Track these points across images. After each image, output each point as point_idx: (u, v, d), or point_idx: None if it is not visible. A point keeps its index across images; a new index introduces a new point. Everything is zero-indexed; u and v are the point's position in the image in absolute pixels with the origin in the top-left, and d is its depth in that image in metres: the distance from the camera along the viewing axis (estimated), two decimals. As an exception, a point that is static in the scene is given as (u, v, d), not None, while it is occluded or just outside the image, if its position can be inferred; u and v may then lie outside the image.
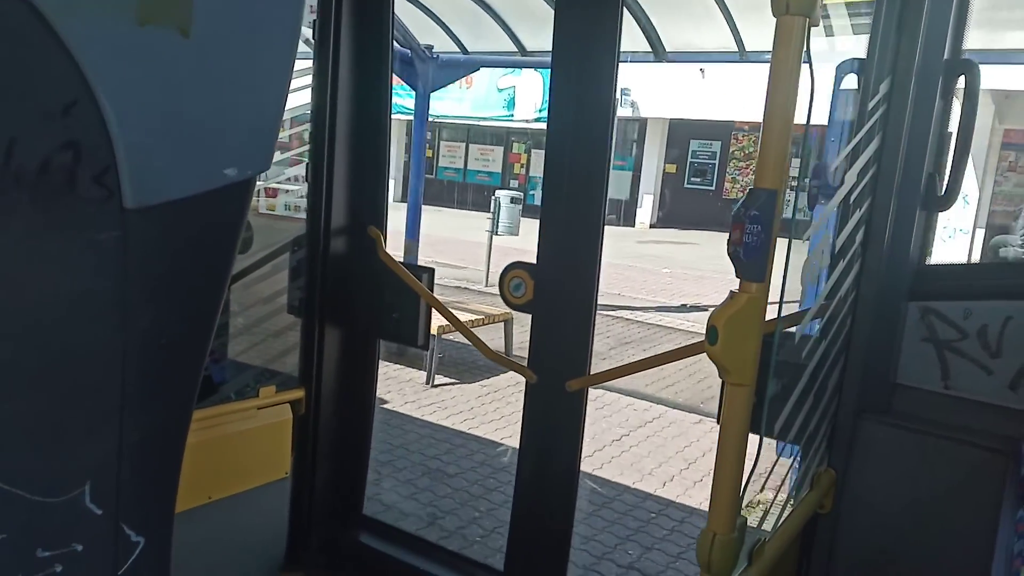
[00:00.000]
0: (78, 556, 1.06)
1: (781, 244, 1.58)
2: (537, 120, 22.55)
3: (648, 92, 20.12)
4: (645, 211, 23.03)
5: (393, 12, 2.99)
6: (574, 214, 2.61)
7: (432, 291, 3.00)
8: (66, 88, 0.92)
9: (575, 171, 2.58)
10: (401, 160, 22.34)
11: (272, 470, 2.91)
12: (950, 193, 2.21)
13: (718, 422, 2.20)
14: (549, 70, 2.60)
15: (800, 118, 1.54)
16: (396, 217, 4.70)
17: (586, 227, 2.61)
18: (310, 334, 3.05)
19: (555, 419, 2.74)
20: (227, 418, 2.71)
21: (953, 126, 2.22)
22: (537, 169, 25.09)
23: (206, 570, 2.60)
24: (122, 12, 0.90)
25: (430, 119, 8.32)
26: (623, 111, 20.14)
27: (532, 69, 20.46)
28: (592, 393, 4.38)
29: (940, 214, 2.38)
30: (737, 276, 1.53)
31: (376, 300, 3.09)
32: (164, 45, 0.92)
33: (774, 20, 1.47)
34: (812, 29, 1.50)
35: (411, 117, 8.36)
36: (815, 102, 1.63)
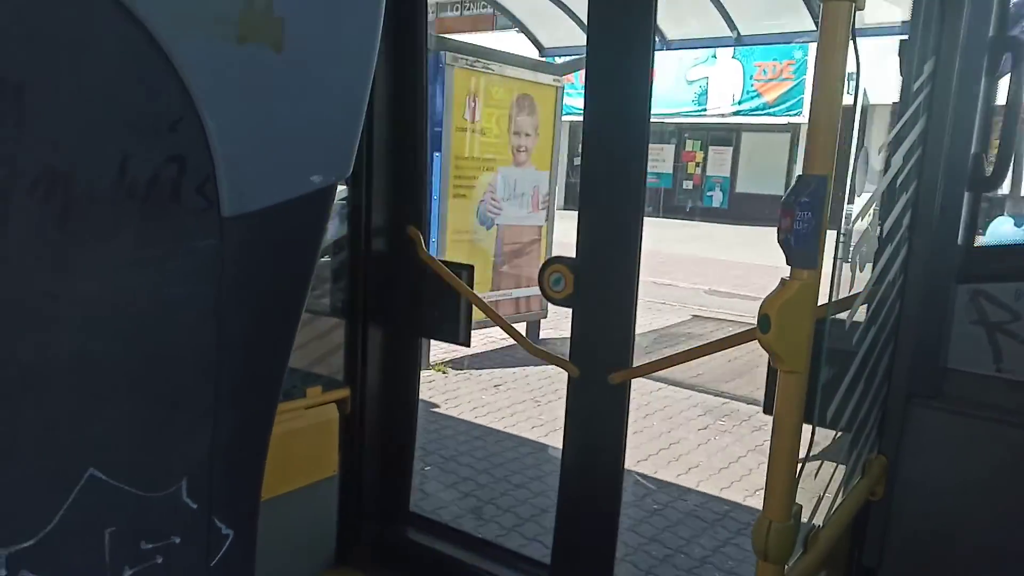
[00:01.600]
0: (176, 548, 1.10)
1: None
2: (737, 114, 21.25)
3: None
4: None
5: (427, 12, 3.02)
6: (613, 207, 2.61)
7: (472, 288, 3.03)
8: (174, 106, 0.97)
9: (613, 164, 2.58)
10: (571, 163, 21.56)
11: (320, 469, 2.95)
12: (998, 173, 2.18)
13: (765, 411, 2.19)
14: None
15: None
16: (564, 228, 4.59)
17: (626, 219, 2.61)
18: (354, 334, 3.09)
19: (599, 412, 2.75)
20: (277, 419, 2.75)
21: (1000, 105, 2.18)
22: (715, 168, 23.45)
23: (259, 568, 2.66)
24: (225, 31, 0.95)
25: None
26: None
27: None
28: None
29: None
30: (788, 263, 1.52)
31: (417, 299, 3.12)
32: (258, 61, 0.96)
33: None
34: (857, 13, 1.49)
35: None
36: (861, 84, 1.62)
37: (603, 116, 2.59)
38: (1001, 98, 2.18)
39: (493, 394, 6.59)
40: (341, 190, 3.01)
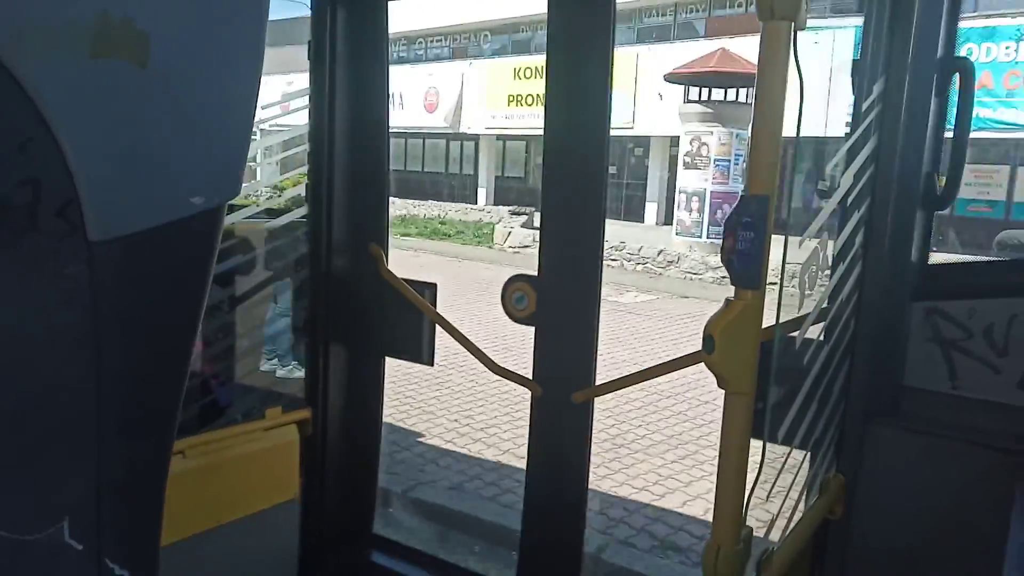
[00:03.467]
0: None
1: (776, 248, 1.57)
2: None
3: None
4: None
5: (388, 30, 3.01)
6: (574, 225, 2.61)
7: (435, 306, 3.00)
8: (20, 125, 0.92)
9: (574, 182, 2.58)
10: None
11: (280, 492, 2.90)
12: (949, 192, 2.19)
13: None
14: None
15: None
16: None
17: (587, 237, 2.60)
18: (315, 354, 3.05)
19: (562, 431, 2.73)
20: (234, 441, 2.71)
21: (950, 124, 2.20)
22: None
23: None
24: (75, 47, 0.90)
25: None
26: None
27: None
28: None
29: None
30: (732, 283, 1.51)
31: (380, 318, 3.09)
32: (121, 77, 0.92)
33: None
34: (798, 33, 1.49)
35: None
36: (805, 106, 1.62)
37: (561, 134, 2.58)
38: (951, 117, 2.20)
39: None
40: (301, 208, 2.98)
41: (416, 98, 25.98)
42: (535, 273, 2.71)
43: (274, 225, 2.91)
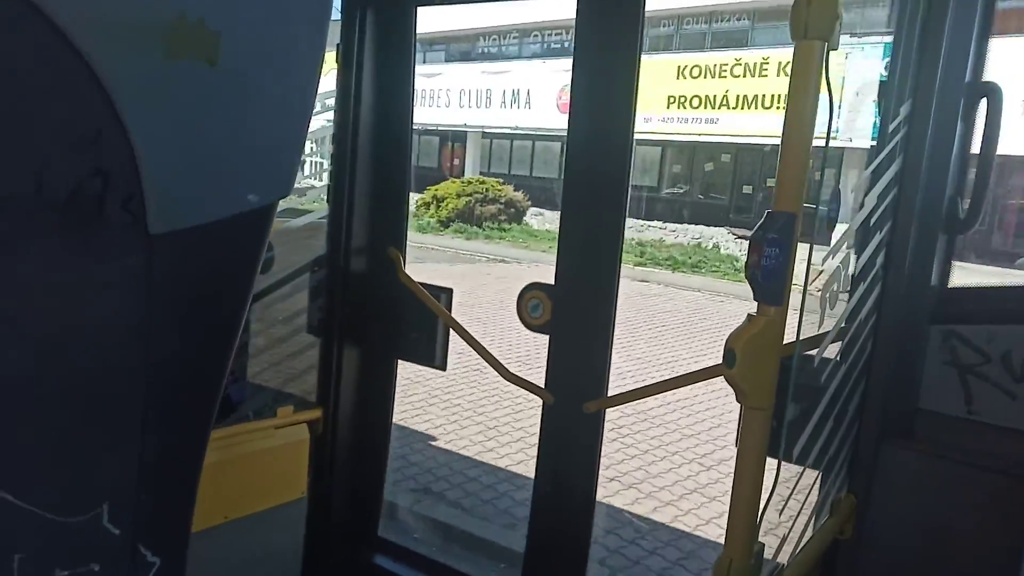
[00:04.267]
0: (95, 575, 1.06)
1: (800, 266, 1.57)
2: None
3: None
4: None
5: (416, 36, 3.03)
6: (593, 234, 2.61)
7: (450, 311, 3.01)
8: (95, 117, 0.94)
9: (594, 190, 2.58)
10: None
11: (289, 490, 2.91)
12: (972, 216, 2.19)
13: (737, 445, 2.18)
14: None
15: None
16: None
17: (605, 247, 2.61)
18: (328, 354, 3.07)
19: (572, 441, 2.73)
20: (244, 438, 2.72)
21: (975, 148, 2.20)
22: None
23: None
24: (152, 45, 0.92)
25: None
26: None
27: None
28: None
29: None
30: (755, 299, 1.52)
31: (395, 321, 3.10)
32: (191, 75, 0.94)
33: None
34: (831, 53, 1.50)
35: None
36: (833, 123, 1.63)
37: (584, 142, 2.59)
38: (977, 142, 2.20)
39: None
40: (322, 208, 3.00)
41: (547, 97, 23.19)
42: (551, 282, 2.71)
43: (294, 225, 2.93)
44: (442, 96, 26.44)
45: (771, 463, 1.71)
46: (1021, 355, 2.10)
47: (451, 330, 3.02)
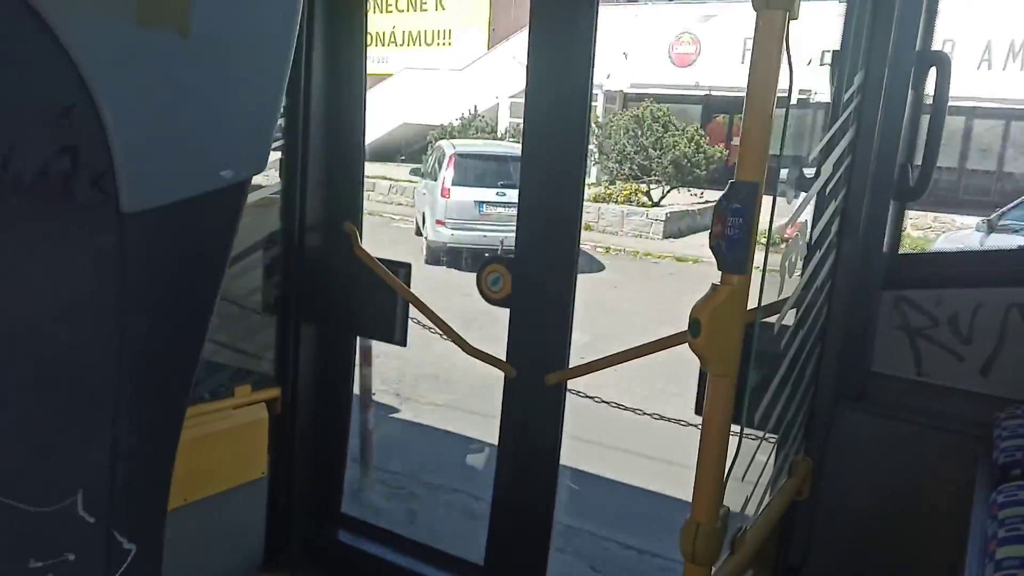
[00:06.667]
0: (69, 565, 1.03)
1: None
2: None
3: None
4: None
5: (367, 4, 2.96)
6: (551, 208, 2.61)
7: (409, 286, 2.98)
8: (64, 92, 0.89)
9: (552, 164, 2.57)
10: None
11: (248, 470, 2.87)
12: (922, 183, 2.25)
13: (697, 413, 2.22)
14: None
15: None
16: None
17: (563, 220, 2.61)
18: (285, 332, 3.02)
19: (534, 413, 2.75)
20: (202, 419, 2.66)
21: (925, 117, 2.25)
22: None
23: (185, 573, 2.57)
24: (121, 13, 0.87)
25: None
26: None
27: None
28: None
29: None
30: (719, 268, 1.53)
31: (353, 297, 3.06)
32: (162, 47, 0.89)
33: None
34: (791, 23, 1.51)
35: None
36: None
37: (541, 116, 2.58)
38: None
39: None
40: (276, 184, 2.93)
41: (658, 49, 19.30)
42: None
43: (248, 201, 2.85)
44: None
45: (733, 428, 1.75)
46: (967, 318, 2.17)
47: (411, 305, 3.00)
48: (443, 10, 24.67)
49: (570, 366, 2.73)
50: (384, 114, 19.91)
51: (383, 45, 23.93)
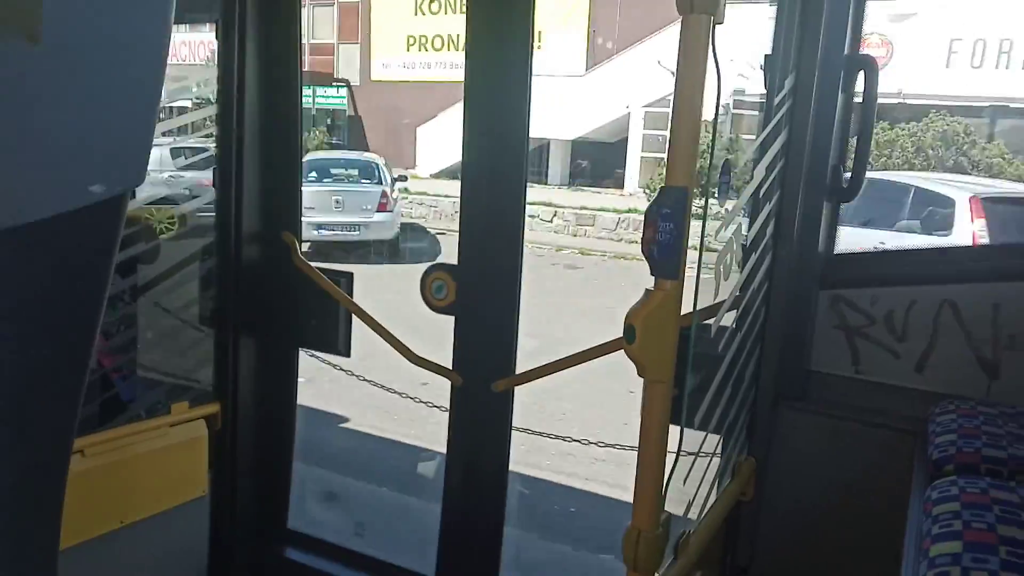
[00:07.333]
0: None
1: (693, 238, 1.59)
2: None
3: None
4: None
5: (301, 8, 2.91)
6: (495, 213, 2.59)
7: (351, 295, 2.93)
8: None
9: (494, 169, 2.56)
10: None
11: (188, 489, 2.79)
12: (854, 184, 2.29)
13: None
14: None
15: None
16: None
17: (507, 226, 2.59)
18: (224, 345, 2.94)
19: (482, 421, 2.72)
20: (137, 438, 2.58)
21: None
22: None
23: None
24: None
25: None
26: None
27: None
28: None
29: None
30: (652, 274, 1.53)
31: (294, 308, 3.00)
32: (9, 55, 0.83)
33: None
34: (717, 27, 1.51)
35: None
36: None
37: (482, 122, 2.56)
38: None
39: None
40: (210, 193, 2.86)
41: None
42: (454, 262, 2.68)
43: (181, 211, 2.78)
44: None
45: (673, 431, 1.74)
46: (902, 316, 2.21)
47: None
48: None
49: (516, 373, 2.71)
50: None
51: (455, 49, 21.82)
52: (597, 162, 22.33)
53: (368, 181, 14.86)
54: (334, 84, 25.64)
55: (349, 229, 13.82)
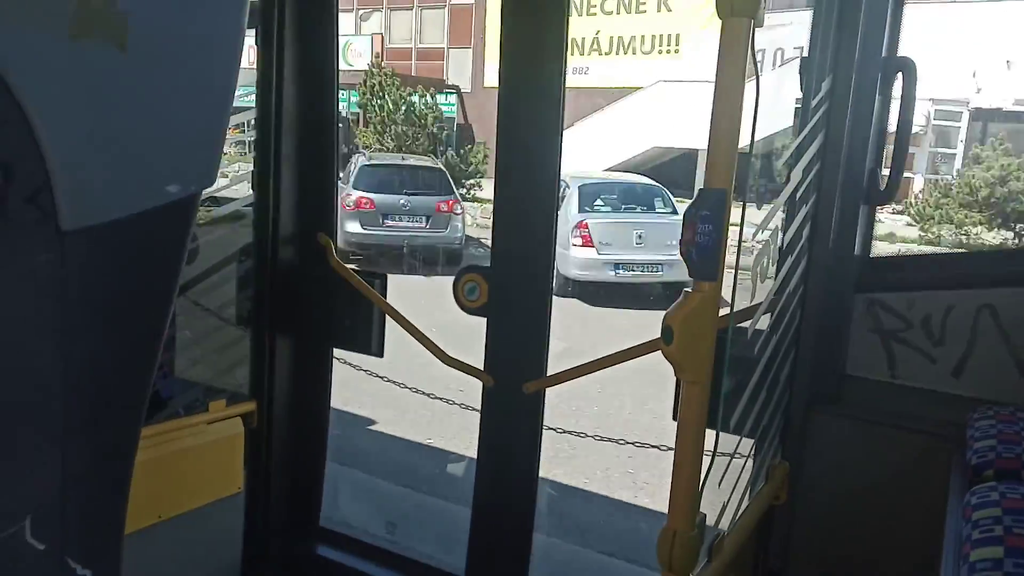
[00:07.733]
0: None
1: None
2: None
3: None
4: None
5: (337, 15, 2.95)
6: (527, 216, 2.61)
7: (385, 297, 2.97)
8: None
9: (528, 173, 2.58)
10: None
11: (224, 486, 2.83)
12: (891, 187, 2.27)
13: (674, 418, 2.22)
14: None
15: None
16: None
17: (539, 229, 2.61)
18: (260, 345, 2.99)
19: (513, 422, 2.74)
20: (176, 434, 2.63)
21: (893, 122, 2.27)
22: None
23: None
24: (53, 26, 0.84)
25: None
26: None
27: None
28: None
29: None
30: (690, 276, 1.54)
31: (328, 308, 3.04)
32: (100, 59, 0.87)
33: None
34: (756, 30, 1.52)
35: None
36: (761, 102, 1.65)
37: (516, 124, 2.58)
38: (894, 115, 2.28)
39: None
40: (247, 196, 2.91)
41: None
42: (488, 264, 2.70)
43: (220, 213, 2.83)
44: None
45: (708, 434, 1.75)
46: (940, 320, 2.19)
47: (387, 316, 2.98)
48: (668, 12, 20.17)
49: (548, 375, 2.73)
50: (628, 135, 16.89)
51: (583, 53, 19.97)
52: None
53: (664, 210, 12.20)
54: (444, 91, 23.84)
55: (653, 269, 11.16)
